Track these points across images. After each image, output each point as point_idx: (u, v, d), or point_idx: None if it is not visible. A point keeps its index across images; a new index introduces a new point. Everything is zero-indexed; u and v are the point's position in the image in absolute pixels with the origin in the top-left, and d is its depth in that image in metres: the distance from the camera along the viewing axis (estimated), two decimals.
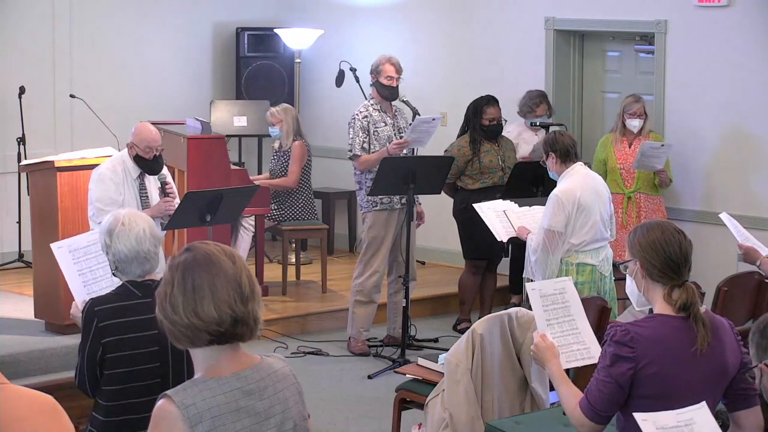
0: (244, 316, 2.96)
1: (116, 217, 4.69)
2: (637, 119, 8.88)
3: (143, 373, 4.54)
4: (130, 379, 4.53)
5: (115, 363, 4.52)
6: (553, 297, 4.41)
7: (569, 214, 6.93)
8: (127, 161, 7.32)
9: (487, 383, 5.46)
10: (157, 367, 4.55)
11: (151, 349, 4.53)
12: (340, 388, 7.87)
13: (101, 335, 4.52)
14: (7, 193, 10.23)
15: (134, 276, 4.61)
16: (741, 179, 9.05)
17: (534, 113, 9.36)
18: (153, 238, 4.64)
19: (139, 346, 4.53)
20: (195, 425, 2.88)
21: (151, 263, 4.62)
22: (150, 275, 4.63)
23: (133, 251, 4.58)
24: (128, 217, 4.68)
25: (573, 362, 4.37)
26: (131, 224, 4.63)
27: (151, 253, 4.61)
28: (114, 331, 4.51)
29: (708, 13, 9.13)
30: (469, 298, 9.19)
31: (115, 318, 4.52)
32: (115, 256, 4.61)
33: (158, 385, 4.52)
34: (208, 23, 11.58)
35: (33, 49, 10.45)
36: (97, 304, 4.57)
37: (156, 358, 4.54)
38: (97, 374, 4.56)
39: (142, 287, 4.59)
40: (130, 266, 4.60)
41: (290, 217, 9.80)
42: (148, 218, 4.78)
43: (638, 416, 3.54)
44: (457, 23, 10.65)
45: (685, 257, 3.89)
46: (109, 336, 4.51)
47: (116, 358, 4.52)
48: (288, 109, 9.83)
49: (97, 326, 4.52)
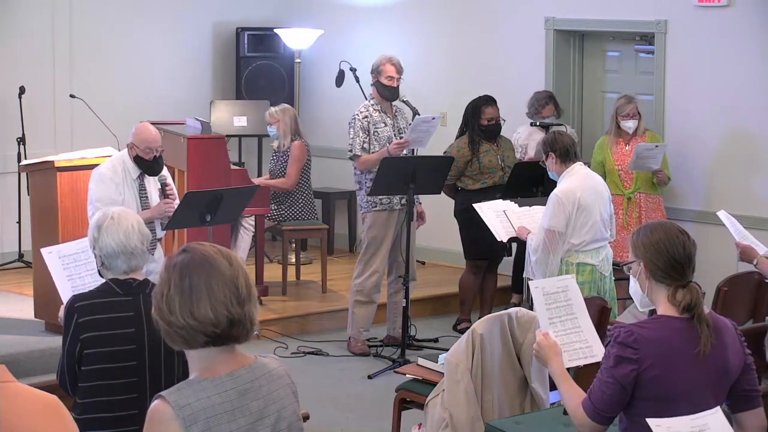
0: (241, 317, 2.95)
1: (105, 212, 4.73)
2: (631, 120, 8.87)
3: (119, 371, 4.54)
4: (106, 376, 4.53)
5: (91, 359, 4.53)
6: (556, 295, 4.41)
7: (569, 214, 6.93)
8: (127, 161, 7.31)
9: (487, 383, 5.46)
10: (134, 366, 4.56)
11: (128, 348, 4.54)
12: (340, 388, 7.86)
13: (80, 331, 4.54)
14: (7, 193, 10.24)
15: (119, 272, 4.62)
16: (741, 179, 9.04)
17: (540, 114, 9.33)
18: (141, 234, 4.66)
19: (116, 343, 4.54)
20: (190, 426, 2.87)
21: (137, 260, 4.63)
22: (134, 273, 4.64)
23: (120, 245, 4.59)
24: (118, 212, 4.72)
25: (575, 361, 4.37)
26: (120, 219, 4.66)
27: (138, 250, 4.62)
28: (92, 327, 4.53)
29: (708, 13, 9.13)
30: (470, 298, 9.18)
31: (94, 314, 4.54)
32: (102, 250, 4.62)
33: (134, 383, 4.54)
34: (208, 23, 11.58)
35: (33, 49, 10.45)
36: (77, 300, 4.61)
37: (133, 356, 4.55)
38: (75, 371, 4.58)
39: (124, 285, 4.60)
40: (117, 261, 4.61)
41: (290, 217, 9.80)
42: (138, 216, 4.81)
43: (652, 422, 3.53)
44: (457, 23, 10.65)
45: (688, 258, 3.89)
46: (88, 332, 4.52)
47: (93, 354, 4.53)
48: (286, 109, 9.82)
49: (77, 322, 4.54)
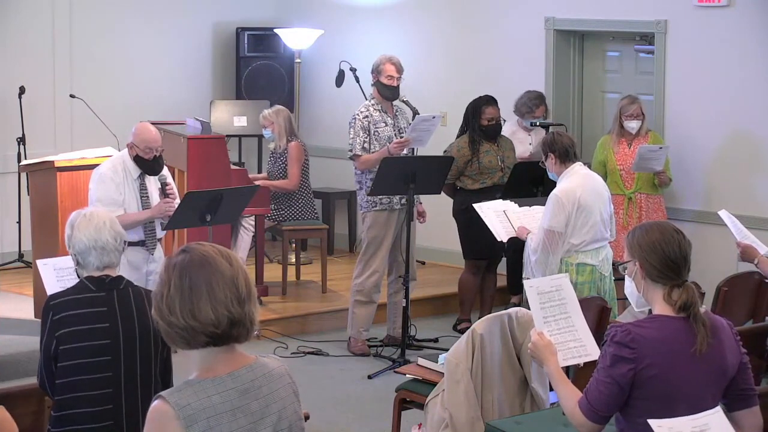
0: (241, 317, 2.95)
1: (79, 211, 4.83)
2: (635, 120, 8.87)
3: (94, 366, 4.58)
4: (82, 372, 4.57)
5: (67, 355, 4.57)
6: (550, 294, 4.41)
7: (569, 214, 6.93)
8: (128, 161, 7.31)
9: (487, 383, 5.46)
10: (108, 361, 4.60)
11: (103, 342, 4.59)
12: (340, 388, 7.86)
13: (55, 328, 4.58)
14: (7, 193, 10.24)
15: (93, 269, 4.67)
16: (741, 179, 9.04)
17: (533, 114, 9.36)
18: (113, 230, 4.72)
19: (91, 338, 4.58)
20: (190, 426, 2.87)
21: (109, 256, 4.69)
22: (108, 270, 4.69)
23: (91, 240, 4.66)
24: (91, 211, 4.83)
25: (570, 360, 4.37)
26: (92, 216, 4.75)
27: (109, 245, 4.68)
28: (67, 323, 4.57)
29: (708, 13, 9.13)
30: (469, 298, 9.18)
31: (68, 310, 4.59)
32: (75, 247, 4.70)
33: (109, 378, 4.58)
34: (208, 23, 11.58)
35: (33, 49, 10.45)
36: (52, 299, 4.66)
37: (107, 351, 4.59)
38: (53, 369, 4.60)
39: (97, 282, 4.66)
40: (89, 257, 4.67)
41: (290, 217, 9.80)
42: (112, 216, 4.87)
43: (653, 423, 3.53)
44: (457, 23, 10.65)
45: (684, 257, 3.89)
46: (63, 328, 4.57)
47: (69, 349, 4.56)
48: (280, 110, 9.79)
49: (52, 319, 4.59)
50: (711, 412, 3.56)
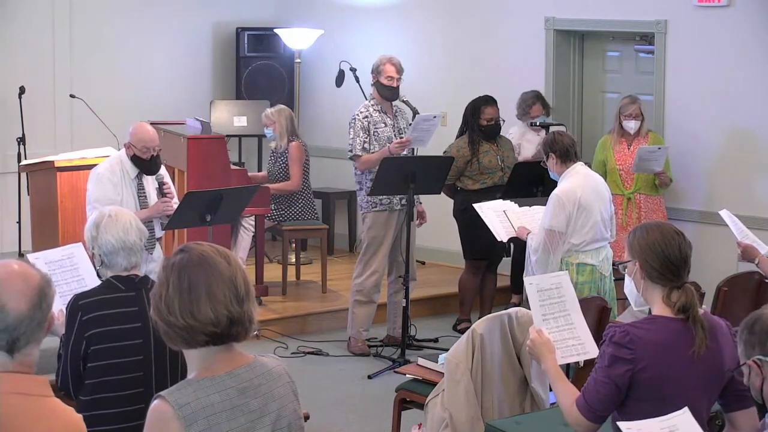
0: (240, 316, 2.95)
1: (102, 211, 4.81)
2: (634, 120, 8.87)
3: (126, 366, 4.56)
4: (113, 372, 4.55)
5: (98, 355, 4.54)
6: (550, 292, 4.41)
7: (570, 214, 6.93)
8: (125, 161, 7.31)
9: (487, 383, 5.46)
10: (140, 360, 4.58)
11: (135, 342, 4.57)
12: (340, 388, 7.86)
13: (84, 329, 4.55)
14: (7, 193, 10.24)
15: (120, 269, 4.66)
16: (741, 179, 9.04)
17: (528, 114, 9.35)
18: (138, 230, 4.73)
19: (122, 338, 4.56)
20: (190, 425, 2.87)
21: (136, 256, 4.68)
22: (134, 269, 4.68)
23: (119, 241, 4.64)
24: (114, 210, 4.80)
25: (568, 357, 4.37)
26: (117, 216, 4.73)
27: (137, 246, 4.68)
28: (97, 324, 4.54)
29: (708, 13, 9.13)
30: (469, 298, 9.18)
31: (98, 310, 4.56)
32: (102, 248, 4.66)
33: (141, 378, 4.56)
34: (208, 23, 11.58)
35: (33, 49, 10.45)
36: (80, 298, 4.62)
37: (139, 350, 4.57)
38: (80, 370, 4.58)
39: (126, 281, 4.63)
40: (117, 257, 4.65)
41: (290, 217, 9.80)
42: (133, 213, 4.88)
43: (622, 425, 3.53)
44: (457, 23, 10.65)
45: (684, 259, 3.89)
46: (93, 328, 4.54)
47: (99, 350, 4.54)
48: (282, 110, 9.79)
49: (81, 320, 4.55)
50: (679, 413, 3.55)
